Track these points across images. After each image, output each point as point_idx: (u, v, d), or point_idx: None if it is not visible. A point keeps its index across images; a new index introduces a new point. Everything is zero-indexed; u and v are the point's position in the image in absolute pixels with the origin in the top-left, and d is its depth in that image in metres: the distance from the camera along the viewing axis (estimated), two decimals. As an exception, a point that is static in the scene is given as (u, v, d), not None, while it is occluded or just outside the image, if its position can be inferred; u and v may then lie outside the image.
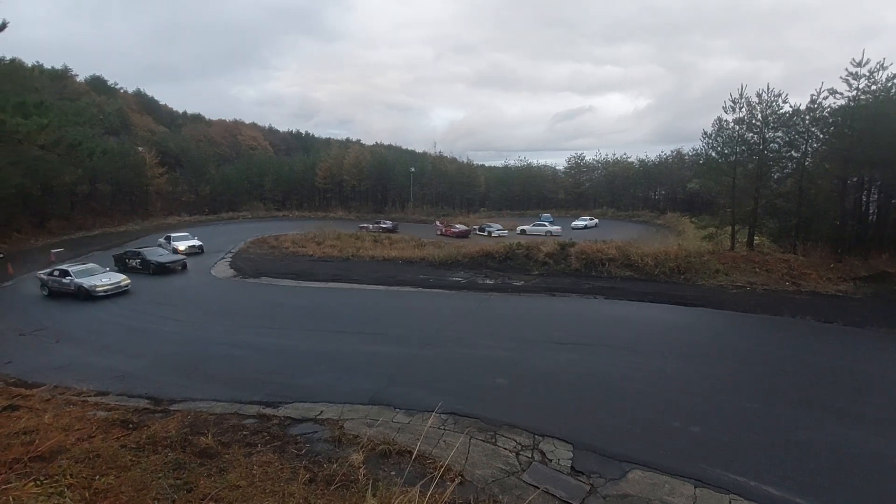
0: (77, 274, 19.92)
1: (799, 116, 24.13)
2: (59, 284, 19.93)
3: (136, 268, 24.66)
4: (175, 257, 26.08)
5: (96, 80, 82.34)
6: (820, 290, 18.47)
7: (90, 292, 19.17)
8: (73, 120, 39.54)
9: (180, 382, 11.36)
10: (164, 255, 25.85)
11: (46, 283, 20.44)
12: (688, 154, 62.98)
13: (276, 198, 73.99)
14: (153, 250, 26.10)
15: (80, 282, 19.39)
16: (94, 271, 20.54)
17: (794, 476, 7.30)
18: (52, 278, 20.31)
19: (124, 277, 20.61)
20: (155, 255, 25.38)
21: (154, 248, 26.85)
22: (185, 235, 32.68)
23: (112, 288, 19.63)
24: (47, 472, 6.09)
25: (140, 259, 24.97)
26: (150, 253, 25.47)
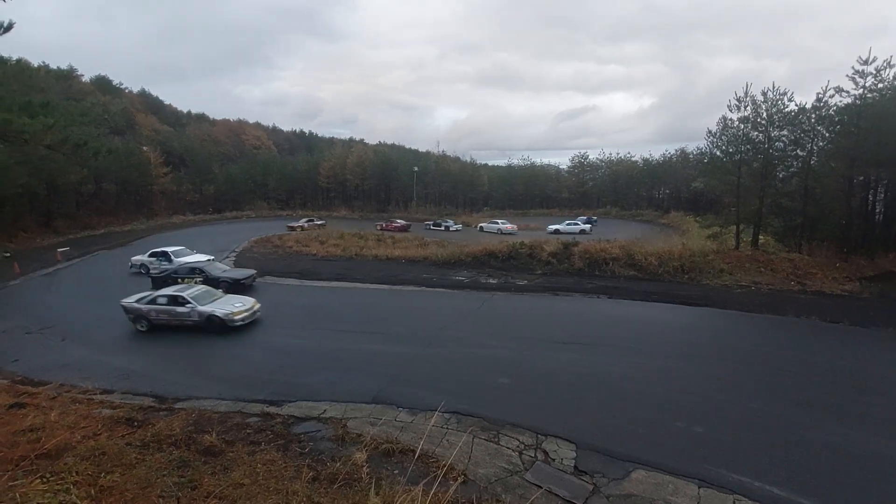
0: (198, 299, 15.23)
1: (805, 115, 23.97)
2: (168, 315, 15.01)
3: None
4: (245, 271, 21.39)
5: (101, 80, 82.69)
6: (825, 289, 18.35)
7: (226, 322, 14.44)
8: (79, 120, 39.99)
9: (184, 381, 11.42)
10: (231, 270, 21.48)
11: (144, 315, 15.22)
12: (692, 153, 62.57)
13: (280, 197, 74.13)
14: (213, 265, 21.42)
15: (209, 310, 14.79)
16: (213, 294, 16.04)
17: (797, 476, 7.26)
18: (156, 307, 15.18)
19: (253, 300, 15.98)
20: (218, 270, 20.73)
21: (212, 263, 22.17)
22: (183, 249, 26.24)
23: (249, 315, 15.09)
24: (53, 469, 6.14)
25: (202, 277, 19.77)
26: (212, 268, 20.70)
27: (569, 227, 40.44)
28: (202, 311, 14.76)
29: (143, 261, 24.79)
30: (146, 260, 24.71)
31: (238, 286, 19.38)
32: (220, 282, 19.15)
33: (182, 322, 14.98)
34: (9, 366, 12.83)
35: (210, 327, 14.63)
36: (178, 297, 15.23)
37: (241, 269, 22.20)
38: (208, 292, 16.13)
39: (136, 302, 15.71)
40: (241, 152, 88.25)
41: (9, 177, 34.20)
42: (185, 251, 25.53)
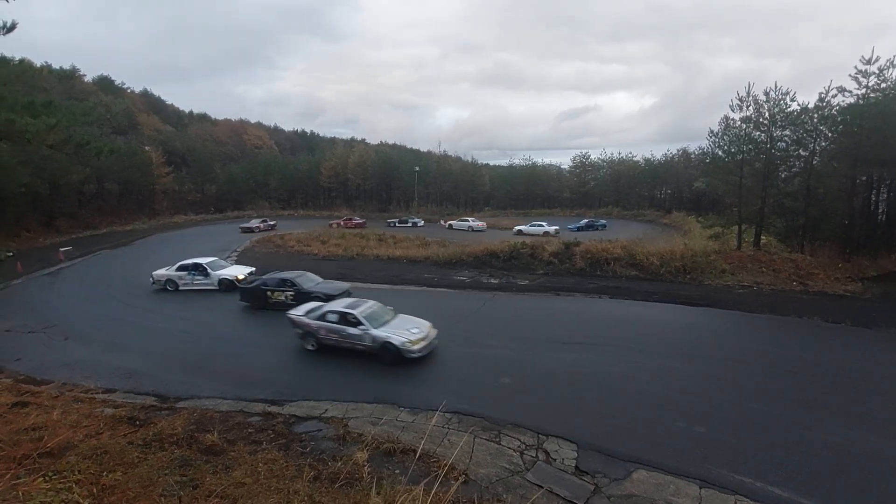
0: (372, 319, 12.50)
1: (807, 115, 23.87)
2: (339, 336, 12.57)
3: (287, 302, 16.73)
4: (337, 285, 18.09)
5: (104, 80, 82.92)
6: (828, 290, 18.29)
7: (402, 353, 11.76)
8: (81, 119, 40.00)
9: (186, 380, 11.46)
10: (324, 283, 18.08)
11: (313, 332, 12.96)
12: (694, 153, 62.41)
13: (281, 197, 74.25)
14: (303, 276, 18.10)
15: (384, 335, 12.02)
16: (384, 313, 13.17)
17: (798, 477, 7.25)
18: (326, 325, 12.76)
19: (429, 324, 12.95)
20: (310, 282, 17.75)
21: (304, 274, 18.35)
22: (217, 260, 22.42)
23: (426, 345, 12.10)
24: (56, 468, 6.17)
25: (293, 290, 17.14)
26: (304, 281, 17.73)
27: (532, 229, 41.01)
28: (376, 335, 12.04)
29: (170, 276, 20.75)
30: (173, 274, 20.71)
31: None
32: (311, 297, 16.23)
33: (353, 346, 12.44)
34: (11, 365, 12.88)
35: (383, 356, 11.98)
36: (348, 314, 12.59)
37: (332, 283, 18.51)
38: (381, 310, 13.12)
39: (305, 316, 13.35)
40: (243, 152, 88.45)
41: (12, 176, 34.30)
42: (219, 262, 22.01)
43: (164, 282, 20.76)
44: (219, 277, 20.24)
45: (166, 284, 20.71)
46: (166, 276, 20.85)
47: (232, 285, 19.77)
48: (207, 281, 20.33)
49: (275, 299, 17.26)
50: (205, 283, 20.35)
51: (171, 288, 20.60)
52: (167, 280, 20.75)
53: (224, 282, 20.17)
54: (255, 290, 17.72)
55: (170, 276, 20.83)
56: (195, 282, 20.39)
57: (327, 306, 13.42)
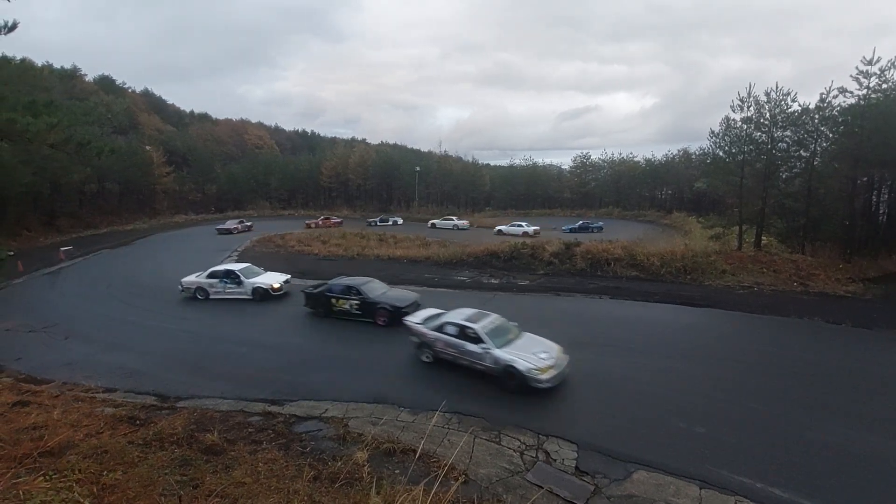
0: (494, 336, 10.86)
1: (808, 115, 23.85)
2: (457, 351, 11.23)
3: (352, 311, 15.51)
4: (406, 295, 16.08)
5: (105, 79, 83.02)
6: (828, 290, 18.27)
7: (528, 380, 9.97)
8: (82, 119, 40.03)
9: (187, 380, 11.46)
10: (390, 292, 16.25)
11: (430, 344, 11.81)
12: (695, 153, 62.37)
13: (282, 196, 74.28)
14: (369, 284, 16.17)
15: (507, 357, 10.32)
16: (508, 330, 11.42)
17: (800, 478, 7.24)
18: (443, 337, 11.50)
19: (558, 348, 11.00)
20: (376, 291, 15.89)
21: (370, 281, 16.45)
22: (249, 267, 20.12)
23: (557, 375, 10.14)
24: (56, 467, 6.17)
25: (359, 299, 15.46)
26: (370, 289, 15.80)
27: (511, 229, 42.11)
28: (499, 356, 10.42)
29: (200, 283, 18.93)
30: (204, 282, 18.89)
31: (399, 315, 14.41)
32: (377, 307, 14.99)
33: (472, 364, 10.93)
34: (12, 364, 12.90)
35: (505, 381, 10.33)
36: (467, 328, 11.11)
37: (401, 292, 16.63)
38: (504, 326, 11.53)
39: (422, 324, 12.25)
40: (244, 152, 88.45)
41: (13, 176, 34.35)
42: (253, 269, 19.80)
43: (193, 290, 18.87)
44: (253, 286, 18.37)
45: (196, 293, 18.80)
46: (196, 284, 18.91)
47: (267, 294, 18.23)
48: (240, 290, 18.48)
49: (339, 307, 15.65)
50: (238, 293, 18.50)
51: (202, 297, 18.67)
52: (197, 288, 18.83)
53: (259, 291, 18.32)
54: (319, 297, 16.12)
55: (200, 283, 18.86)
56: (227, 290, 18.53)
57: (445, 316, 12.03)
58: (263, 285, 18.43)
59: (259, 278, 18.93)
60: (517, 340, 11.10)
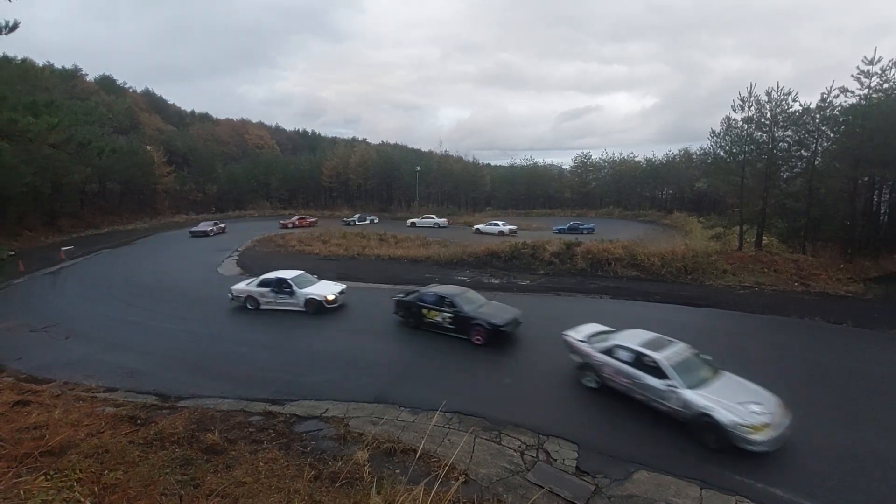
0: (683, 371, 8.88)
1: (809, 115, 23.83)
2: (631, 382, 9.36)
3: (444, 325, 13.84)
4: (506, 311, 13.95)
5: (105, 79, 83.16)
6: (829, 290, 18.25)
7: (732, 437, 7.81)
8: (83, 119, 40.07)
9: (188, 379, 11.47)
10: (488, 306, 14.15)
11: (595, 367, 10.14)
12: (695, 153, 62.35)
13: (283, 196, 74.34)
14: (464, 295, 14.34)
15: (702, 403, 8.24)
16: (700, 366, 9.33)
17: (800, 478, 7.24)
18: (613, 363, 9.75)
19: (775, 399, 8.66)
20: (471, 304, 13.94)
21: (465, 292, 14.60)
22: (303, 275, 18.12)
23: (774, 436, 7.78)
24: (57, 466, 6.18)
25: (452, 312, 13.69)
26: (464, 301, 13.96)
27: (488, 228, 43.47)
28: (690, 400, 8.34)
29: (251, 292, 17.28)
30: (255, 291, 17.23)
31: (497, 334, 12.88)
32: (472, 323, 13.11)
33: (650, 402, 8.97)
34: (13, 363, 12.91)
35: (698, 433, 8.21)
36: (645, 357, 9.16)
37: (500, 306, 14.41)
38: (694, 361, 9.37)
39: (586, 343, 10.55)
40: (244, 152, 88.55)
41: (14, 176, 34.37)
42: (305, 277, 17.86)
43: (244, 299, 17.33)
44: (306, 297, 16.48)
45: (246, 302, 17.27)
46: (246, 293, 17.33)
47: (321, 307, 16.35)
48: (292, 301, 16.68)
49: (430, 319, 14.14)
50: (289, 304, 16.72)
51: (252, 307, 17.11)
52: (248, 297, 17.25)
53: (312, 302, 16.42)
54: (409, 306, 14.72)
55: (250, 292, 17.25)
56: (279, 301, 16.83)
57: (616, 337, 10.23)
58: (317, 296, 16.46)
59: (312, 288, 17.07)
60: (715, 381, 8.84)
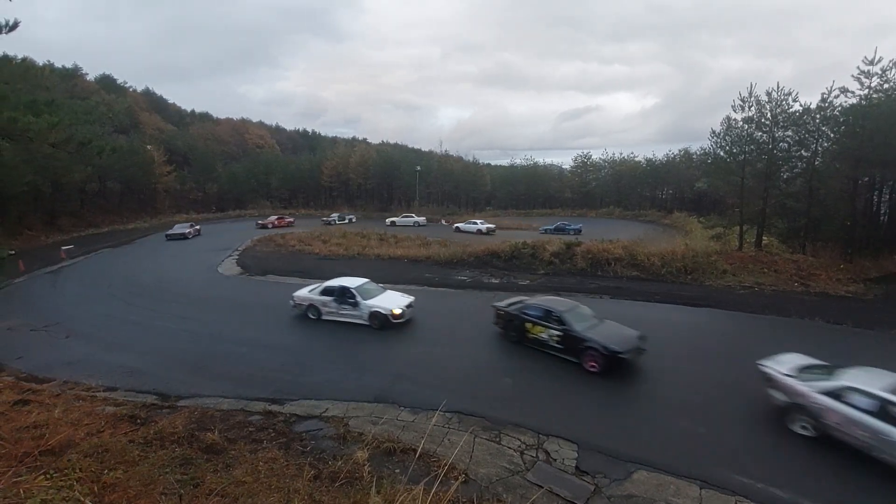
0: None
1: (809, 115, 23.84)
2: (873, 436, 7.44)
3: (550, 344, 12.05)
4: (624, 333, 11.88)
5: (106, 78, 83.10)
6: (829, 291, 18.25)
7: None
8: (84, 118, 40.12)
9: (187, 379, 11.47)
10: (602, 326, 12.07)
11: (805, 406, 8.42)
12: (696, 153, 62.26)
13: (283, 196, 74.38)
14: (575, 311, 12.48)
15: None
16: None
17: (801, 478, 7.24)
18: (839, 408, 7.92)
19: None
20: (582, 320, 12.06)
21: (576, 307, 12.73)
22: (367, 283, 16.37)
23: None
24: (57, 465, 6.17)
25: (561, 329, 11.87)
26: (576, 317, 12.16)
27: (467, 226, 44.98)
28: None
29: (313, 300, 15.78)
30: (317, 299, 15.69)
31: (616, 362, 10.92)
32: (585, 346, 11.21)
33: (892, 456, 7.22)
34: (13, 363, 12.91)
35: None
36: (891, 403, 7.34)
37: (614, 327, 12.20)
38: None
39: (797, 379, 8.79)
40: (245, 151, 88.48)
41: (14, 175, 34.37)
42: (370, 287, 16.08)
43: (305, 307, 15.96)
44: (370, 309, 14.78)
45: (308, 311, 15.88)
46: (308, 301, 15.89)
47: (386, 322, 14.54)
48: (356, 313, 15.00)
49: (534, 335, 12.42)
50: (352, 316, 15.06)
51: (314, 316, 15.70)
52: (310, 306, 15.84)
53: (377, 316, 14.66)
54: (512, 318, 13.13)
55: (313, 300, 15.77)
56: (341, 312, 15.24)
57: (844, 378, 8.16)
58: (382, 310, 14.67)
59: (377, 300, 15.23)
60: None
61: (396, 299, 15.50)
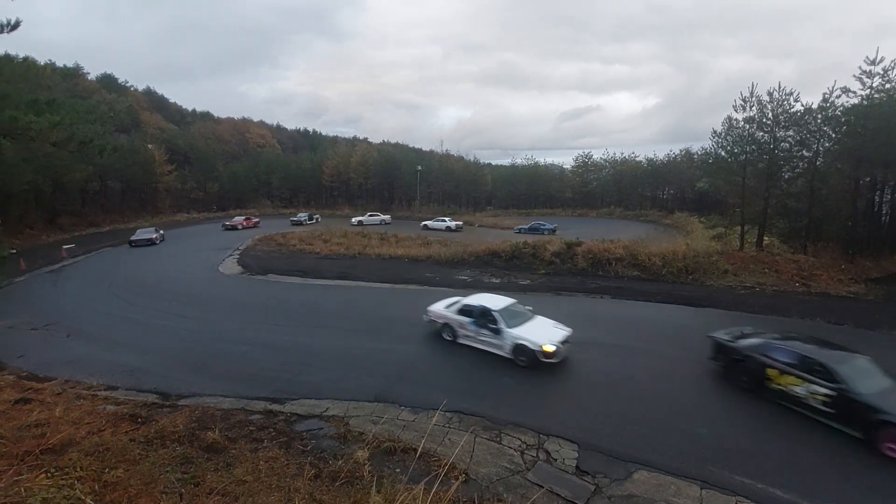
0: None
1: (811, 115, 23.82)
2: None
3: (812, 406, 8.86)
4: None
5: (107, 78, 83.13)
6: (830, 291, 18.22)
7: None
8: (85, 117, 39.83)
9: (188, 378, 11.48)
10: None
11: None
12: (697, 153, 62.16)
13: (284, 195, 74.35)
14: (855, 363, 9.14)
15: None
16: None
17: (801, 479, 7.23)
18: None
19: None
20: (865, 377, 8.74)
21: (852, 361, 9.19)
22: (514, 304, 13.35)
23: None
24: (58, 464, 6.18)
25: (833, 388, 8.55)
26: (855, 372, 8.79)
27: (435, 224, 45.83)
28: None
29: (449, 319, 13.37)
30: (453, 319, 13.22)
31: None
32: (879, 422, 7.89)
33: None
34: (14, 361, 12.93)
35: None
36: None
37: None
38: None
39: None
40: (246, 150, 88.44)
41: (15, 174, 34.40)
42: (517, 310, 12.96)
43: (440, 325, 13.65)
44: (515, 341, 11.63)
45: (443, 330, 13.52)
46: (444, 318, 13.56)
47: (535, 360, 11.21)
48: (497, 342, 12.08)
49: (780, 386, 9.40)
50: (493, 345, 12.23)
51: (449, 337, 13.33)
52: (445, 324, 13.48)
53: (524, 351, 11.43)
54: (743, 358, 10.25)
55: (448, 319, 13.43)
56: (480, 337, 12.56)
57: None
58: (530, 344, 11.34)
59: (524, 329, 11.98)
60: None
61: (548, 330, 12.13)
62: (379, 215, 51.70)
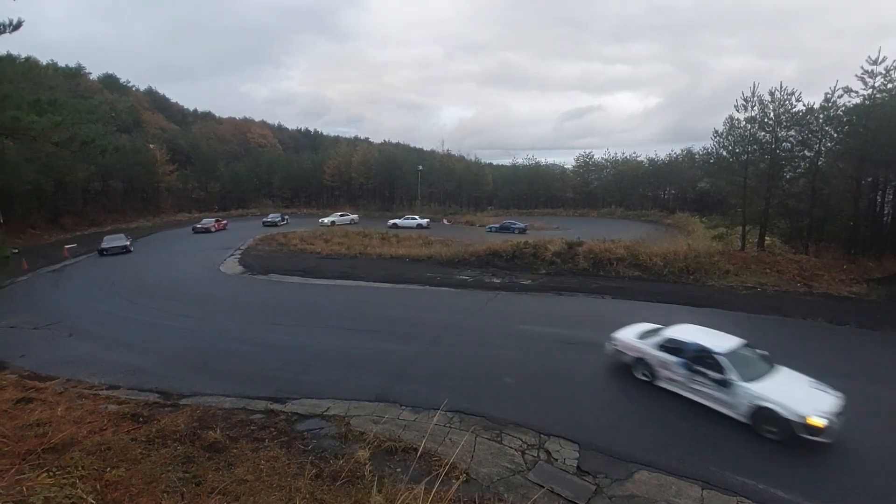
0: None
1: (812, 115, 23.76)
2: None
3: None
4: None
5: (109, 78, 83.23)
6: (832, 291, 18.19)
7: None
8: (86, 117, 39.90)
9: (190, 378, 11.50)
10: None
11: None
12: (698, 153, 61.89)
13: (285, 195, 74.39)
14: None
15: None
16: None
17: (802, 479, 7.22)
18: None
19: None
20: None
21: None
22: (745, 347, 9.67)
23: None
24: (60, 463, 6.19)
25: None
26: None
27: (405, 222, 46.78)
28: None
29: (645, 353, 10.43)
30: (652, 355, 10.28)
31: None
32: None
33: None
34: (16, 361, 12.96)
35: None
36: None
37: None
38: None
39: None
40: (247, 150, 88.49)
41: (17, 174, 34.48)
42: (749, 355, 9.57)
43: (632, 359, 10.75)
44: (757, 401, 8.39)
45: (637, 367, 10.62)
46: (637, 352, 10.64)
47: (792, 433, 7.97)
48: (725, 398, 8.88)
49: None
50: (716, 400, 9.06)
51: (644, 377, 10.42)
52: (638, 359, 10.58)
53: (774, 419, 8.18)
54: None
55: (644, 353, 10.48)
56: (693, 385, 9.42)
57: None
58: (784, 411, 8.07)
59: (769, 386, 8.64)
60: None
61: (806, 391, 8.68)
62: (348, 214, 53.25)
